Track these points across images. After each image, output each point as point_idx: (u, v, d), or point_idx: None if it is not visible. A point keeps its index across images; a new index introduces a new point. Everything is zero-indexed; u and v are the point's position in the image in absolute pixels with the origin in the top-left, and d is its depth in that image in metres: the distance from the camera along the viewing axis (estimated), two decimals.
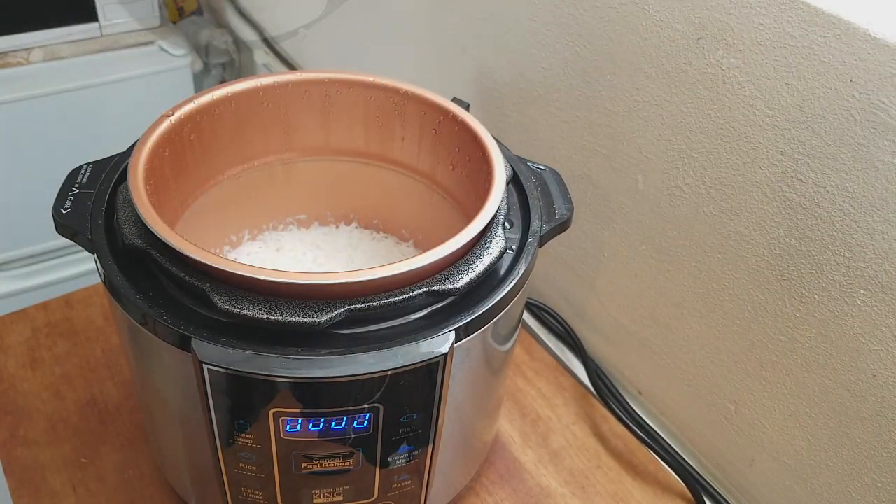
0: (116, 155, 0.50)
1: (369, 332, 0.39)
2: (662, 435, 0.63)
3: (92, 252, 0.43)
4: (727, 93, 0.49)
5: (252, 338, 0.38)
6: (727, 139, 0.49)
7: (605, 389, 0.66)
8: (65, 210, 0.44)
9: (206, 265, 0.37)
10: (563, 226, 0.48)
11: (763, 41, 0.45)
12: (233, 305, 0.37)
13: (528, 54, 0.64)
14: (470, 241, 0.41)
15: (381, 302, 0.38)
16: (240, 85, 0.53)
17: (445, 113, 0.53)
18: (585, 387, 0.68)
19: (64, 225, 0.44)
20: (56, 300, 0.71)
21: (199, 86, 1.24)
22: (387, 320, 0.40)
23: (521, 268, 0.44)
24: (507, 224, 0.47)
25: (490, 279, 0.43)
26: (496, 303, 0.42)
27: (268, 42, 1.20)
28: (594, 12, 0.56)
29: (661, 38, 0.52)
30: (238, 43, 1.30)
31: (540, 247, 0.47)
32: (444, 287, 0.40)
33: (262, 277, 0.37)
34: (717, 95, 0.49)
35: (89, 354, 0.67)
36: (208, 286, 0.38)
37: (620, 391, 0.66)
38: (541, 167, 0.52)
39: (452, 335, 0.39)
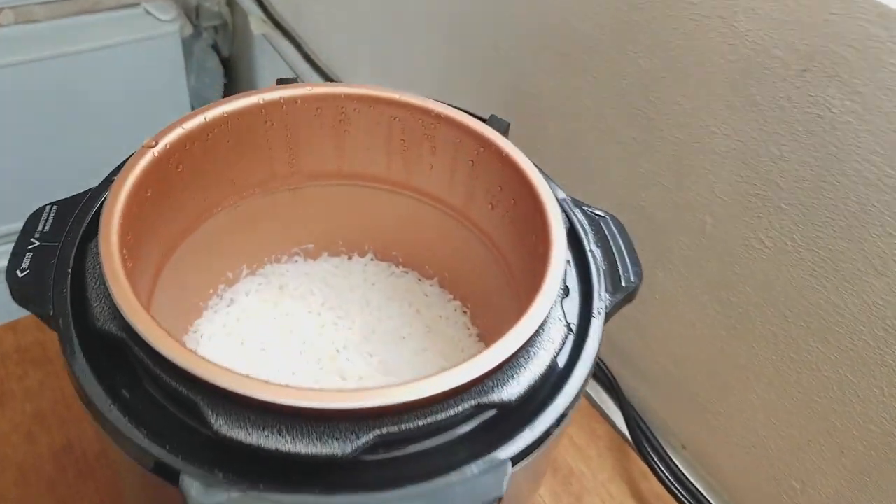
0: (88, 191, 0.41)
1: (402, 455, 0.32)
2: (709, 498, 0.56)
3: (55, 331, 0.35)
4: (835, 140, 0.40)
5: (256, 470, 0.30)
6: (831, 196, 0.41)
7: (644, 440, 0.59)
8: (21, 273, 0.36)
9: (199, 378, 0.29)
10: (629, 297, 0.40)
11: (892, 85, 0.37)
12: (233, 430, 0.29)
13: (574, 57, 0.55)
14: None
15: (419, 423, 0.31)
16: (238, 102, 0.43)
17: (487, 144, 0.44)
18: (622, 434, 0.61)
19: (21, 293, 0.35)
20: (25, 320, 0.63)
21: (189, 53, 1.12)
22: (423, 440, 0.32)
23: (589, 357, 0.36)
24: (561, 290, 0.39)
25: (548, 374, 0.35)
26: (561, 413, 0.34)
27: (263, 6, 1.08)
28: (666, 21, 0.47)
29: (753, 64, 0.42)
30: (232, 4, 1.18)
31: (605, 323, 0.38)
32: (496, 399, 0.32)
33: (271, 400, 0.29)
34: (823, 142, 0.40)
35: (65, 387, 0.59)
36: (201, 399, 0.30)
37: (662, 443, 0.59)
38: (599, 213, 0.44)
39: (509, 467, 0.31)
